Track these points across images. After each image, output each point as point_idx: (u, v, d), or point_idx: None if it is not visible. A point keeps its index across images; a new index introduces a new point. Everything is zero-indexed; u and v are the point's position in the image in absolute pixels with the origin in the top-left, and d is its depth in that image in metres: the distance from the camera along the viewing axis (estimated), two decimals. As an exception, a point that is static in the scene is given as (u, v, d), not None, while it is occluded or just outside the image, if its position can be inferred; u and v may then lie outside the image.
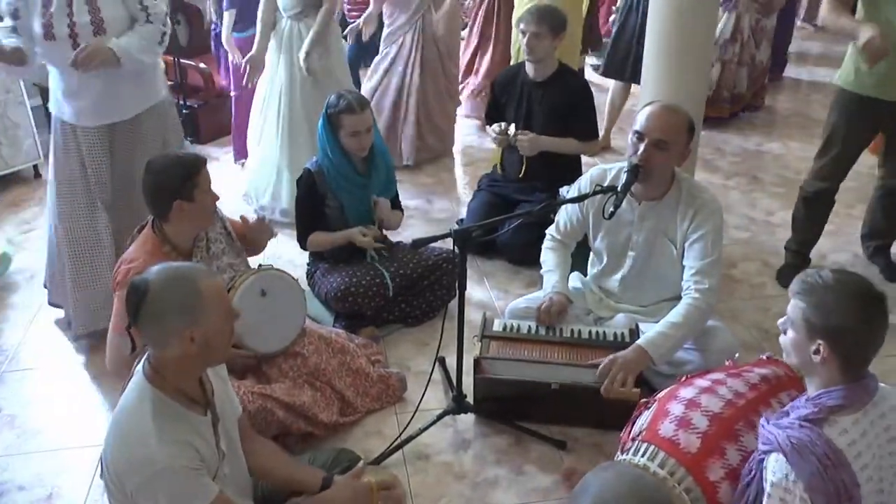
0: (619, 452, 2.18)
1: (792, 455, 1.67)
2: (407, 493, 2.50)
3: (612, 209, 2.58)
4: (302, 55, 4.03)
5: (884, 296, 1.73)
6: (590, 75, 6.12)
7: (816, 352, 1.72)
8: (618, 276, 2.94)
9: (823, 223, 3.68)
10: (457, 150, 5.33)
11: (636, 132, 2.65)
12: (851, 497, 1.65)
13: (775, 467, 1.70)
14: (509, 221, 2.94)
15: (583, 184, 2.90)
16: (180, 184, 2.41)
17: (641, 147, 2.61)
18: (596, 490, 1.32)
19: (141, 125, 3.09)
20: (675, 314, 2.64)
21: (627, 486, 1.33)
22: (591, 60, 6.62)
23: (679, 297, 2.73)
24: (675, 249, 2.76)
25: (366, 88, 4.99)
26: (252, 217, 2.88)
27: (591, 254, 3.05)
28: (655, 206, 2.76)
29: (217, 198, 2.56)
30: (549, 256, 3.00)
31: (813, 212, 3.62)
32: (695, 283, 2.67)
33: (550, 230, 3.05)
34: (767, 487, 1.72)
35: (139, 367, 1.79)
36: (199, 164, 2.48)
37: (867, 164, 4.67)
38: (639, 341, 2.60)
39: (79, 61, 2.74)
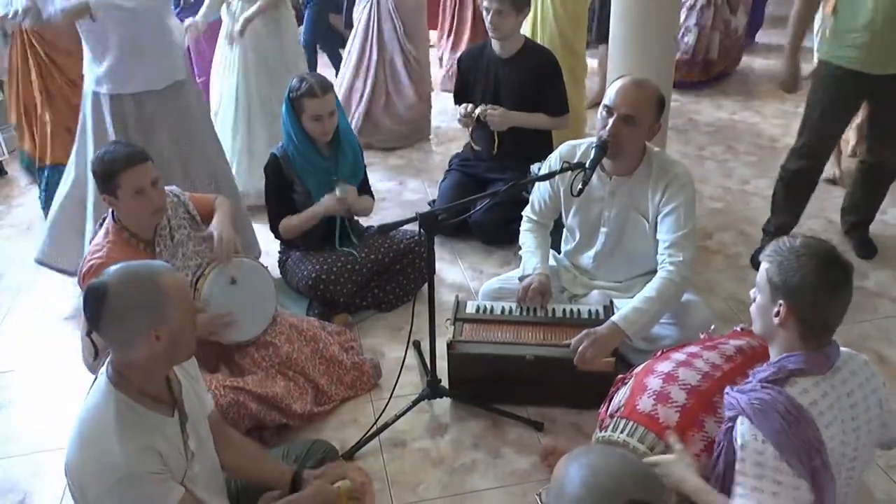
0: (597, 430, 2.17)
1: (756, 415, 1.67)
2: (384, 481, 2.48)
3: (580, 186, 2.55)
4: (241, 17, 4.02)
5: (848, 263, 1.71)
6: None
7: (777, 314, 1.72)
8: (591, 252, 2.91)
9: (804, 204, 3.54)
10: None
11: (605, 106, 2.62)
12: (820, 453, 1.64)
13: (742, 430, 1.70)
14: (480, 201, 2.88)
15: (553, 161, 2.86)
16: (103, 178, 2.34)
17: (610, 122, 2.58)
18: (586, 473, 1.28)
19: (167, 102, 3.18)
20: (650, 289, 2.62)
21: (618, 464, 1.30)
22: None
23: (654, 272, 2.71)
24: (647, 224, 2.74)
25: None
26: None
27: (565, 231, 3.02)
28: (626, 181, 2.73)
29: (156, 204, 2.42)
30: (527, 238, 2.96)
31: (795, 192, 3.47)
32: (669, 257, 2.65)
33: (526, 211, 3.02)
34: (738, 452, 1.71)
35: (102, 371, 1.73)
36: (129, 162, 2.33)
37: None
38: (613, 318, 2.58)
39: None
